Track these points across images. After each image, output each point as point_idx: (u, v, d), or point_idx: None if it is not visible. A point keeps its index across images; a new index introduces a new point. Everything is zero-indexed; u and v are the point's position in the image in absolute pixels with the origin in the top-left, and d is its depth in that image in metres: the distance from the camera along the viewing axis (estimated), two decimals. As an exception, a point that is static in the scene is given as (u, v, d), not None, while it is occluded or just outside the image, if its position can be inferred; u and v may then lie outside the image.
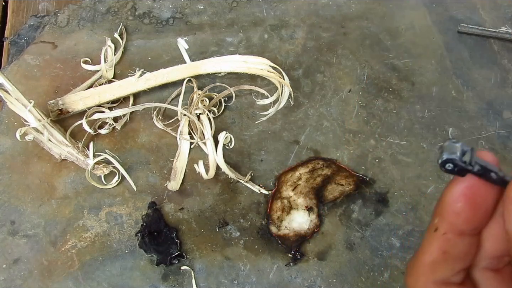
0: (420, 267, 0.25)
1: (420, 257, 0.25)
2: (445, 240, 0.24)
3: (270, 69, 0.51)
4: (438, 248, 0.25)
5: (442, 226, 0.24)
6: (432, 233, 0.25)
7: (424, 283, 0.25)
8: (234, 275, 0.45)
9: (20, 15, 0.58)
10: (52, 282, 0.44)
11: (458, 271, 0.25)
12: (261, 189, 0.48)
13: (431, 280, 0.24)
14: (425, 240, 0.25)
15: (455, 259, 0.25)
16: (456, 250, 0.24)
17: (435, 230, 0.25)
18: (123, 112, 0.49)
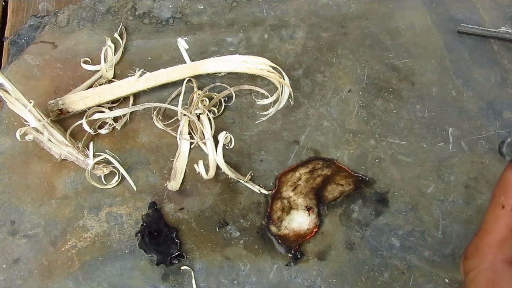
0: (488, 246, 0.25)
1: (486, 237, 0.25)
2: None
3: (270, 69, 0.51)
4: (506, 224, 0.25)
5: (508, 202, 0.25)
6: (498, 211, 0.25)
7: (492, 261, 0.24)
8: (234, 275, 0.45)
9: (20, 15, 0.58)
10: (52, 282, 0.44)
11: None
12: (261, 189, 0.48)
13: (500, 258, 0.24)
14: (488, 220, 0.25)
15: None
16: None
17: (502, 207, 0.25)
18: (123, 112, 0.49)
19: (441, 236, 0.46)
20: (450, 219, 0.46)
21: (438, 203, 0.47)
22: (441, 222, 0.46)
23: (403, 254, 0.45)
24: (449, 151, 0.49)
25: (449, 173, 0.48)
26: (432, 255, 0.45)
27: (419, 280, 0.44)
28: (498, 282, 0.24)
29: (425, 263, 0.45)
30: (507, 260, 0.24)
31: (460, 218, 0.47)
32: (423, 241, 0.46)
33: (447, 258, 0.45)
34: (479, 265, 0.24)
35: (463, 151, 0.49)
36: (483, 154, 0.49)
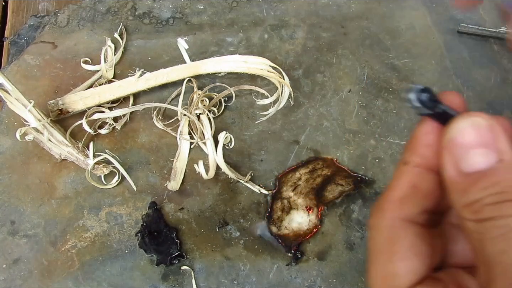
0: (388, 203, 0.24)
1: (388, 193, 0.24)
2: (415, 174, 0.24)
3: (270, 69, 0.51)
4: (407, 182, 0.24)
5: (412, 159, 0.24)
6: (402, 167, 0.24)
7: (391, 219, 0.24)
8: (234, 275, 0.45)
9: (20, 15, 0.58)
10: (52, 282, 0.44)
11: (424, 209, 0.24)
12: (261, 189, 0.48)
13: (399, 216, 0.23)
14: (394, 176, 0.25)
15: (424, 195, 0.24)
16: (425, 185, 0.24)
17: (405, 163, 0.24)
18: (123, 112, 0.49)
19: (441, 236, 0.46)
20: None
21: (438, 203, 0.47)
22: (441, 222, 0.46)
23: (403, 254, 0.45)
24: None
25: (449, 173, 0.48)
26: (432, 255, 0.45)
27: (419, 280, 0.44)
28: (394, 241, 0.23)
29: (425, 263, 0.45)
30: (406, 218, 0.23)
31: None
32: (423, 241, 0.46)
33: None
34: (379, 223, 0.24)
35: (463, 151, 0.49)
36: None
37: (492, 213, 0.20)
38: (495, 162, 0.21)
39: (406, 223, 0.23)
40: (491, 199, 0.20)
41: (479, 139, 0.22)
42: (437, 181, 0.24)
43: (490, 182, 0.21)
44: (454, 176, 0.22)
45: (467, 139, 0.22)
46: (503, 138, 0.22)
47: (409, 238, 0.23)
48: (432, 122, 0.24)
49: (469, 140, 0.22)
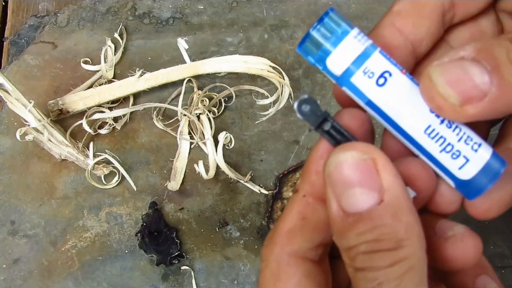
0: (277, 235, 0.22)
1: (279, 223, 0.22)
2: (304, 204, 0.22)
3: (270, 69, 0.51)
4: (297, 212, 0.22)
5: (302, 187, 0.22)
6: (293, 195, 0.22)
7: (278, 253, 0.21)
8: (234, 275, 0.45)
9: (20, 15, 0.58)
10: (52, 282, 0.44)
11: (317, 244, 0.22)
12: (261, 189, 0.48)
13: (286, 251, 0.21)
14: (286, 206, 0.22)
15: (314, 229, 0.22)
16: (315, 218, 0.21)
17: (296, 191, 0.22)
18: (123, 112, 0.49)
19: (441, 236, 0.46)
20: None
21: (438, 203, 0.47)
22: (441, 222, 0.46)
23: (403, 254, 0.45)
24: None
25: (449, 173, 0.48)
26: (432, 255, 0.45)
27: (419, 280, 0.44)
28: (280, 278, 0.21)
29: (425, 263, 0.45)
30: (295, 253, 0.21)
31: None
32: (423, 241, 0.46)
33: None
34: (267, 257, 0.22)
35: (463, 151, 0.49)
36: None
37: (364, 263, 0.18)
38: (374, 203, 0.19)
39: (295, 259, 0.21)
40: (365, 247, 0.18)
41: (358, 177, 0.19)
42: None
43: (366, 227, 0.19)
44: (335, 215, 0.19)
45: (345, 175, 0.19)
46: (388, 174, 0.19)
47: (296, 277, 0.21)
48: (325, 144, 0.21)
49: (347, 177, 0.19)
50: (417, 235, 0.19)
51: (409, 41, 0.24)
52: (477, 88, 0.19)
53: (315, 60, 0.22)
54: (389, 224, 0.18)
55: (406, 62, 0.24)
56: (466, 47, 0.20)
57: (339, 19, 0.21)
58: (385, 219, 0.18)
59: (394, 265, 0.18)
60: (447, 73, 0.19)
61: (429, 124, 0.21)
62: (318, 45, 0.21)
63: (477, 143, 0.21)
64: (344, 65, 0.21)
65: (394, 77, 0.21)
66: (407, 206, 0.19)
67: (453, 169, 0.21)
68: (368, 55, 0.21)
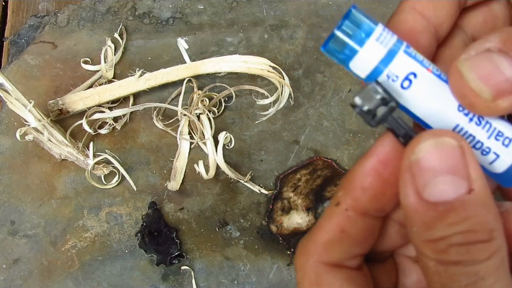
0: (313, 246, 0.21)
1: (315, 234, 0.22)
2: (345, 218, 0.21)
3: (270, 69, 0.51)
4: (336, 225, 0.21)
5: (345, 201, 0.21)
6: (332, 207, 0.22)
7: (314, 264, 0.21)
8: (234, 275, 0.45)
9: (20, 15, 0.58)
10: (52, 282, 0.44)
11: (355, 255, 0.22)
12: (261, 189, 0.48)
13: (323, 261, 0.21)
14: (323, 215, 0.22)
15: (354, 241, 0.21)
16: (355, 231, 0.21)
17: (337, 204, 0.21)
18: (123, 112, 0.49)
19: (441, 236, 0.46)
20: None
21: (438, 203, 0.47)
22: (441, 222, 0.46)
23: (403, 254, 0.45)
24: None
25: (449, 173, 0.48)
26: (432, 255, 0.45)
27: (419, 280, 0.44)
28: (322, 285, 0.21)
29: (425, 263, 0.45)
30: (331, 262, 0.21)
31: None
32: (423, 241, 0.46)
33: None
34: (304, 266, 0.21)
35: (463, 151, 0.49)
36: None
37: (459, 256, 0.18)
38: (464, 192, 0.18)
39: (333, 268, 0.21)
40: (459, 238, 0.18)
41: (447, 164, 0.18)
42: (370, 227, 0.22)
43: (459, 217, 0.18)
44: (415, 205, 0.19)
45: (432, 163, 0.18)
46: (474, 163, 0.19)
47: (337, 282, 0.21)
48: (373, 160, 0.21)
49: (435, 164, 0.18)
50: (501, 225, 0.18)
51: (431, 25, 0.23)
52: (508, 81, 0.18)
53: (339, 62, 0.21)
54: (482, 214, 0.18)
55: (430, 47, 0.23)
56: (491, 38, 0.19)
57: (363, 16, 0.20)
58: (478, 208, 0.18)
59: (491, 258, 0.17)
60: (477, 68, 0.19)
61: (457, 123, 0.20)
62: (342, 45, 0.21)
63: (508, 137, 0.21)
64: (367, 69, 0.21)
65: (419, 78, 0.20)
66: (491, 196, 0.19)
67: (484, 164, 0.21)
68: (392, 57, 0.20)
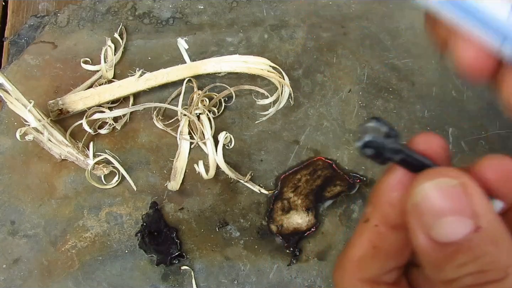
0: (347, 263, 0.22)
1: (348, 251, 0.22)
2: (376, 233, 0.21)
3: (270, 69, 0.51)
4: (367, 241, 0.21)
5: (374, 217, 0.22)
6: (362, 224, 0.22)
7: (349, 281, 0.21)
8: (234, 275, 0.45)
9: (20, 15, 0.58)
10: (52, 282, 0.44)
11: (391, 269, 0.22)
12: (261, 189, 0.48)
13: (358, 278, 0.21)
14: (355, 232, 0.22)
15: (387, 256, 0.21)
16: (388, 246, 0.21)
17: (366, 221, 0.22)
18: (123, 112, 0.49)
19: (441, 236, 0.46)
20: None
21: (438, 203, 0.47)
22: (441, 222, 0.46)
23: (403, 254, 0.45)
24: (449, 151, 0.49)
25: (449, 173, 0.48)
26: (432, 255, 0.45)
27: (419, 280, 0.44)
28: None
29: (425, 263, 0.45)
30: (366, 279, 0.21)
31: None
32: (423, 241, 0.46)
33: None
34: (341, 282, 0.22)
35: (463, 151, 0.49)
36: (483, 154, 0.49)
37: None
38: (471, 231, 0.18)
39: (369, 284, 0.21)
40: (470, 279, 0.17)
41: (449, 205, 0.18)
42: (403, 240, 0.21)
43: (468, 257, 0.18)
44: (425, 247, 0.19)
45: (435, 205, 0.18)
46: (479, 198, 0.18)
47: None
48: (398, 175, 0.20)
49: (438, 206, 0.18)
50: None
51: None
52: None
53: None
54: (492, 252, 0.17)
55: None
56: None
57: None
58: (487, 247, 0.17)
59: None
60: None
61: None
62: None
63: None
64: None
65: None
66: (502, 229, 0.18)
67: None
68: None
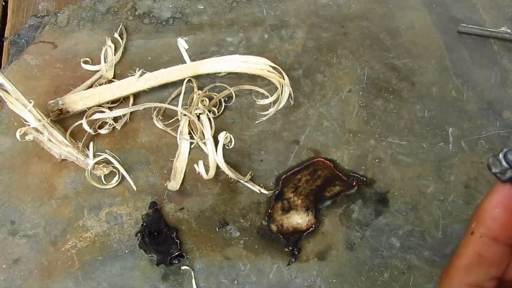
0: (455, 270, 0.25)
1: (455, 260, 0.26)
2: (481, 244, 0.25)
3: (270, 69, 0.51)
4: (473, 251, 0.25)
5: (478, 230, 0.25)
6: (468, 236, 0.26)
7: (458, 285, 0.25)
8: (234, 275, 0.45)
9: (20, 15, 0.58)
10: (52, 282, 0.44)
11: (492, 277, 0.25)
12: (261, 189, 0.48)
13: (465, 282, 0.25)
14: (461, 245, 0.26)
15: (490, 264, 0.25)
16: (491, 255, 0.25)
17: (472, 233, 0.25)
18: (123, 112, 0.49)
19: (441, 236, 0.46)
20: (450, 219, 0.46)
21: (438, 203, 0.47)
22: (441, 222, 0.46)
23: (403, 254, 0.45)
24: (449, 151, 0.49)
25: (449, 173, 0.48)
26: (432, 255, 0.45)
27: (419, 280, 0.44)
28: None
29: (425, 263, 0.45)
30: (472, 284, 0.25)
31: (460, 218, 0.47)
32: (423, 241, 0.46)
33: (447, 258, 0.45)
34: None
35: (463, 151, 0.50)
36: (483, 154, 0.49)
37: None
38: None
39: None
40: None
41: None
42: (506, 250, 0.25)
43: None
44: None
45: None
46: None
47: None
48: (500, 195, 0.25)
49: None
50: None
51: None
52: None
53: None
54: None
55: None
56: None
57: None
58: None
59: None
60: None
61: None
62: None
63: None
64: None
65: None
66: None
67: None
68: None
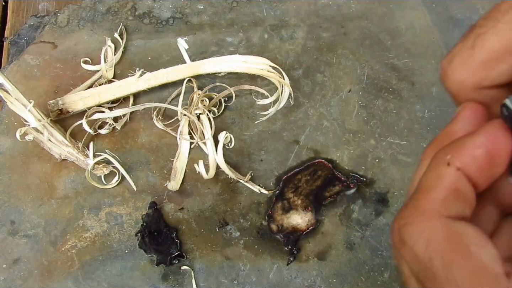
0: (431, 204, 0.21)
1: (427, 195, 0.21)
2: (458, 177, 0.21)
3: (270, 69, 0.51)
4: (451, 183, 0.21)
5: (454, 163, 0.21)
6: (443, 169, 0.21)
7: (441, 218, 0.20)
8: (234, 275, 0.45)
9: (20, 15, 0.58)
10: (52, 282, 0.44)
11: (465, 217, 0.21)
12: (261, 189, 0.48)
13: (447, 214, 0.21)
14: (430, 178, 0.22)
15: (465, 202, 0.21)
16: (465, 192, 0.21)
17: (448, 165, 0.21)
18: (123, 112, 0.49)
19: (441, 236, 0.46)
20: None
21: (438, 203, 0.47)
22: (441, 222, 0.46)
23: (403, 254, 0.45)
24: None
25: (449, 173, 0.48)
26: (432, 255, 0.45)
27: (419, 280, 0.44)
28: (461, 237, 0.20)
29: (425, 263, 0.45)
30: (455, 216, 0.21)
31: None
32: (423, 241, 0.46)
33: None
34: (426, 227, 0.20)
35: (463, 151, 0.49)
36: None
37: None
38: None
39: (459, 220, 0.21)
40: None
41: None
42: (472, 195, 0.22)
43: None
44: None
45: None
46: None
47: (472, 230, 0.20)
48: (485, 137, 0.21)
49: None
50: None
51: None
52: None
53: None
54: None
55: None
56: None
57: None
58: None
59: None
60: None
61: None
62: None
63: None
64: None
65: None
66: None
67: None
68: None
